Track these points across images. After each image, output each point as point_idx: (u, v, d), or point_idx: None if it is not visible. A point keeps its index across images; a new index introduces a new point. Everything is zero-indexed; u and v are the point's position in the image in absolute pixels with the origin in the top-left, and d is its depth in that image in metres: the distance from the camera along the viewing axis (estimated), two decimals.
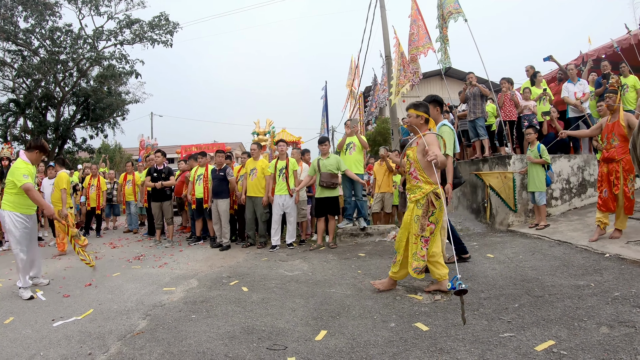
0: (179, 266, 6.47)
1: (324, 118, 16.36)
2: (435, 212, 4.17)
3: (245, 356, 3.06)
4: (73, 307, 4.53)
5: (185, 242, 8.90)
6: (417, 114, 4.39)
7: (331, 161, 7.33)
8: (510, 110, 8.35)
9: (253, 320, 3.82)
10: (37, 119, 23.54)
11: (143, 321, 4.01)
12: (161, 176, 8.68)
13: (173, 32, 23.62)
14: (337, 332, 3.37)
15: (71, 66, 23.35)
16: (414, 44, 10.62)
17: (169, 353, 3.21)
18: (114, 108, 24.61)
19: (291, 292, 4.60)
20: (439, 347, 2.93)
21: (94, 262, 5.82)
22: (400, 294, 4.22)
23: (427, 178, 4.20)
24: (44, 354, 3.39)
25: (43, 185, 9.22)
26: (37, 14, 21.51)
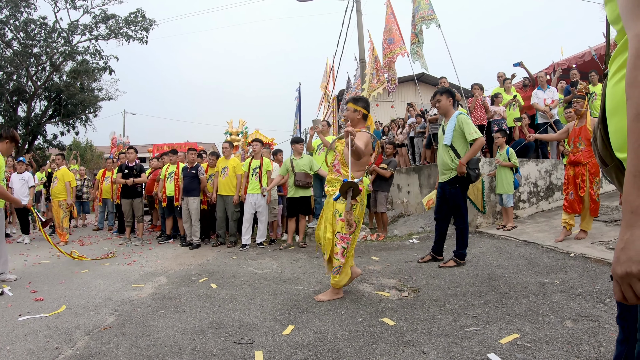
0: (148, 264, 6.46)
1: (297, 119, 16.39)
2: (356, 207, 4.00)
3: (212, 350, 3.09)
4: (41, 303, 4.50)
5: (155, 241, 8.86)
6: (355, 108, 4.29)
7: (304, 161, 7.39)
8: (480, 115, 8.51)
9: (221, 315, 3.85)
10: (7, 113, 22.92)
11: (111, 317, 4.01)
12: (132, 173, 8.60)
13: (149, 29, 23.35)
14: (304, 327, 3.41)
15: (44, 60, 22.83)
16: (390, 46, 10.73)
17: (136, 347, 3.23)
18: (87, 104, 24.12)
19: (260, 289, 4.61)
20: (405, 340, 2.97)
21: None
22: (368, 291, 4.26)
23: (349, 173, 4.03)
24: (11, 348, 3.38)
25: (12, 180, 9.08)
26: (11, 4, 20.98)
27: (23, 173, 9.26)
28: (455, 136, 4.88)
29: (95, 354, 3.14)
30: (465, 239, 5.03)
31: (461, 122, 4.83)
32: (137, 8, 23.28)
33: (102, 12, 22.87)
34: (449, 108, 5.05)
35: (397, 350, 2.83)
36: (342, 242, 3.98)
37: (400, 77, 19.74)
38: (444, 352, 2.75)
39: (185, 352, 3.09)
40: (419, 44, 9.61)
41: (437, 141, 9.17)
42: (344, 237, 3.98)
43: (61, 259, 7.11)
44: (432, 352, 2.75)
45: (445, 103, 5.04)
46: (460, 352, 2.72)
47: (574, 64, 10.68)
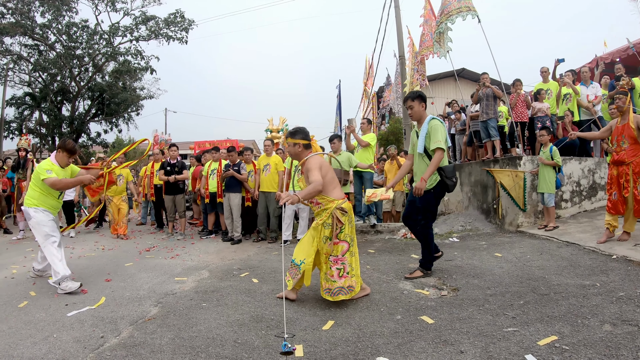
0: (190, 258, 6.59)
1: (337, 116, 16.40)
2: (344, 229, 3.99)
3: (253, 342, 3.16)
4: (86, 295, 4.66)
5: (197, 236, 9.03)
6: (293, 142, 4.22)
7: (342, 158, 7.40)
8: (522, 112, 8.36)
9: (262, 309, 3.92)
10: (52, 112, 23.85)
11: (155, 308, 4.12)
12: (175, 170, 8.81)
13: (188, 29, 23.84)
14: (344, 323, 3.46)
15: (87, 61, 23.66)
16: (425, 44, 10.66)
17: (179, 338, 3.32)
18: (129, 103, 24.87)
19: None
20: (444, 339, 3.00)
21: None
22: (408, 289, 4.29)
23: (327, 197, 4.04)
24: (57, 336, 3.51)
25: None
26: (53, 9, 21.81)
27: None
28: (427, 142, 4.55)
29: (140, 344, 3.26)
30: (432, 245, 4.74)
31: (431, 128, 4.52)
32: (176, 9, 23.83)
33: (142, 14, 23.49)
34: (421, 113, 4.73)
35: (435, 349, 2.86)
36: (335, 264, 3.98)
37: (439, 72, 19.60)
38: (482, 351, 2.77)
39: (227, 343, 3.17)
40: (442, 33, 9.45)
41: (478, 138, 9.13)
42: (337, 259, 3.98)
43: (106, 252, 7.36)
44: (470, 352, 2.78)
45: (417, 109, 4.71)
46: (498, 352, 2.74)
47: (618, 58, 10.33)
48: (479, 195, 8.40)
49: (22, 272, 5.81)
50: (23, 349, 3.29)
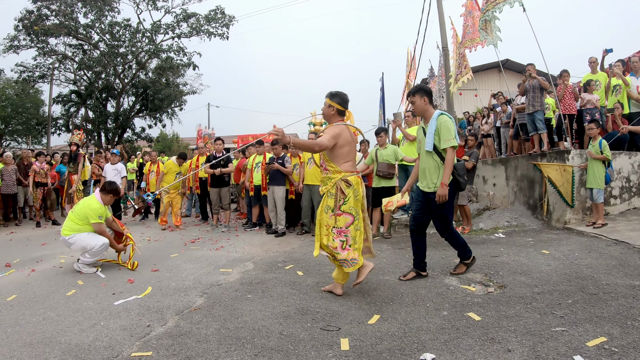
0: (235, 250, 6.72)
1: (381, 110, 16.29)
2: (347, 201, 3.96)
3: (299, 335, 3.19)
4: (132, 284, 4.82)
5: (241, 228, 9.20)
6: (329, 104, 4.20)
7: (388, 151, 7.37)
8: (570, 104, 8.13)
9: (308, 302, 3.94)
10: (97, 109, 24.87)
11: (200, 299, 4.21)
12: (220, 163, 8.97)
13: (229, 25, 24.21)
14: (390, 317, 3.45)
15: (130, 59, 24.48)
16: (468, 36, 10.47)
17: (224, 328, 3.38)
18: (172, 99, 25.61)
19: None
20: (491, 336, 2.98)
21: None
22: (454, 285, 4.27)
23: (335, 167, 4.05)
24: (105, 324, 3.62)
25: (106, 170, 9.93)
26: (96, 9, 22.67)
27: (116, 164, 10.08)
28: (437, 140, 4.32)
29: (186, 333, 3.33)
30: (461, 242, 4.60)
31: (440, 125, 4.28)
32: (216, 5, 24.24)
33: (182, 12, 24.04)
34: (425, 108, 4.47)
35: (482, 346, 2.85)
36: (339, 236, 3.98)
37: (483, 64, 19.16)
38: (530, 351, 2.74)
39: (273, 335, 3.20)
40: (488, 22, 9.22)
41: (524, 131, 8.94)
42: (341, 231, 3.98)
43: (151, 243, 7.59)
44: (518, 350, 2.75)
45: (419, 103, 4.46)
46: (545, 352, 2.71)
47: None
48: (525, 190, 8.23)
49: (70, 262, 6.02)
50: (70, 336, 3.39)
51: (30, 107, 29.28)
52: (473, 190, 9.62)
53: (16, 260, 6.38)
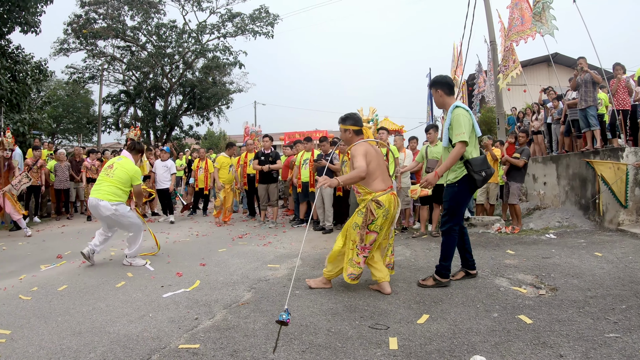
0: (282, 246, 6.77)
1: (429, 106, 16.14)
2: (375, 221, 3.99)
3: (347, 332, 3.18)
4: (180, 278, 4.92)
5: (288, 224, 9.29)
6: (344, 129, 4.28)
7: (438, 148, 7.20)
8: (623, 99, 7.84)
9: (356, 299, 3.94)
10: (146, 108, 25.72)
11: (248, 293, 4.25)
12: (268, 160, 9.09)
13: (273, 24, 24.48)
14: (439, 317, 3.42)
15: (177, 59, 25.17)
16: (515, 29, 10.23)
17: (272, 323, 3.38)
18: (219, 97, 26.16)
19: (394, 276, 4.56)
20: (542, 340, 2.93)
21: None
22: (504, 286, 4.21)
23: (365, 189, 4.09)
24: (153, 315, 3.70)
25: (156, 166, 10.21)
26: (142, 12, 23.42)
27: (166, 161, 10.35)
28: (451, 134, 4.18)
29: (233, 327, 3.35)
30: (451, 249, 4.29)
31: (453, 118, 4.13)
32: (260, 5, 24.62)
33: (227, 12, 24.45)
34: (442, 101, 4.34)
35: (533, 350, 2.80)
36: (362, 252, 4.05)
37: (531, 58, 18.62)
38: (582, 356, 2.68)
39: (321, 332, 3.20)
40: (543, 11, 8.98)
41: (576, 128, 8.67)
42: (365, 248, 4.05)
43: (200, 238, 7.73)
44: (570, 356, 2.69)
45: (436, 97, 4.36)
46: (598, 359, 2.65)
47: None
48: (577, 190, 8.01)
49: (120, 255, 6.27)
50: (119, 326, 3.48)
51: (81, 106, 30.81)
52: (523, 189, 9.43)
53: (67, 252, 6.64)
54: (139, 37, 24.93)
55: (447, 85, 4.34)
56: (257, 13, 24.43)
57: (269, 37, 24.64)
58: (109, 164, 5.77)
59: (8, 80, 12.79)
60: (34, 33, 13.37)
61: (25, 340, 3.32)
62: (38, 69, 14.58)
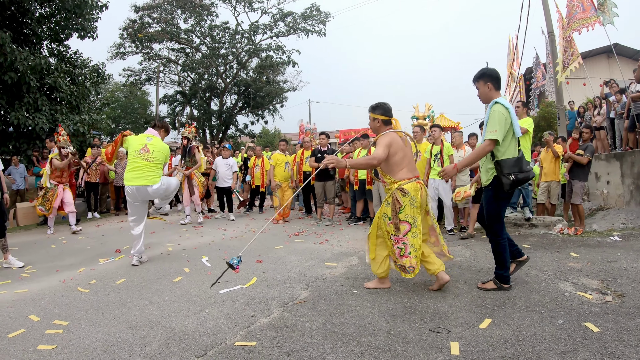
0: (339, 244, 6.75)
1: None
2: (403, 209, 4.00)
3: (407, 335, 3.13)
4: (237, 274, 4.94)
5: (345, 222, 9.30)
6: (373, 117, 4.29)
7: None
8: None
9: (415, 301, 3.88)
10: (202, 107, 26.60)
11: (305, 291, 4.26)
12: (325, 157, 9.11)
13: (325, 22, 24.67)
14: (502, 322, 3.32)
15: (231, 59, 25.84)
16: (576, 17, 9.85)
17: (330, 323, 3.38)
18: (273, 96, 26.66)
19: (454, 278, 4.55)
20: (610, 351, 2.81)
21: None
22: (569, 291, 4.07)
23: (391, 178, 4.12)
24: (209, 311, 3.75)
25: (217, 164, 10.27)
26: (195, 15, 24.18)
27: (228, 158, 10.42)
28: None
29: (290, 325, 3.35)
30: (503, 257, 4.14)
31: (489, 114, 3.97)
32: (311, 3, 24.91)
33: (279, 11, 24.85)
34: (488, 95, 4.12)
35: None
36: (397, 243, 4.08)
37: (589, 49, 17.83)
38: None
39: (380, 334, 3.16)
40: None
41: None
42: (398, 239, 4.06)
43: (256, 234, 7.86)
44: None
45: (483, 90, 4.14)
46: None
47: None
48: None
49: (177, 250, 6.47)
50: (176, 321, 3.55)
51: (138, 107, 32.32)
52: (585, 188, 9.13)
53: (125, 246, 6.81)
54: (192, 39, 25.81)
55: (497, 80, 4.18)
56: (308, 12, 24.70)
57: (321, 35, 24.89)
58: (141, 146, 5.64)
59: (68, 84, 13.63)
60: (90, 38, 14.17)
61: (82, 331, 3.44)
62: (96, 72, 15.46)
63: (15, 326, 3.62)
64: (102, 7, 14.06)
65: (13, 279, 5.25)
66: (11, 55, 10.81)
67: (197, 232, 8.49)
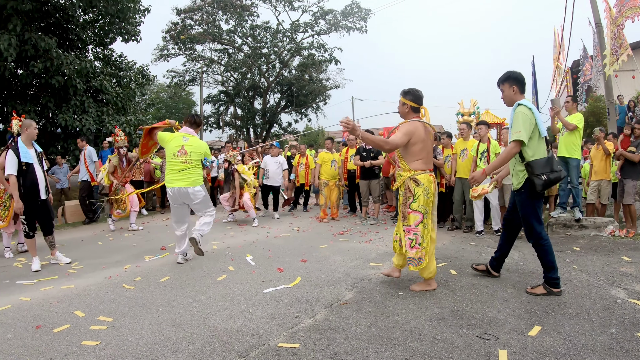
0: (384, 243, 6.70)
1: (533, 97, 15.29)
2: (417, 199, 4.05)
3: (454, 341, 3.07)
4: (281, 273, 4.97)
5: (389, 221, 9.24)
6: (402, 102, 4.27)
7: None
8: None
9: (463, 305, 3.81)
10: (245, 106, 27.11)
11: (350, 292, 4.22)
12: (370, 155, 9.08)
13: (366, 19, 24.54)
14: (551, 330, 3.23)
15: (273, 58, 26.15)
16: (628, 3, 9.37)
17: (375, 326, 3.34)
18: (316, 94, 26.82)
19: (502, 281, 4.48)
20: None
21: None
22: (622, 298, 3.92)
23: (405, 165, 4.15)
24: (253, 311, 3.76)
25: (267, 162, 10.27)
26: (236, 15, 24.63)
27: (277, 156, 10.42)
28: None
29: (334, 328, 3.33)
30: (549, 259, 4.06)
31: (514, 116, 3.98)
32: (351, 0, 24.70)
33: (319, 9, 24.90)
34: (513, 98, 4.14)
35: None
36: (407, 234, 4.14)
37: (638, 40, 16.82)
38: None
39: (426, 339, 3.11)
40: None
41: None
42: (409, 229, 4.11)
43: (300, 234, 7.87)
44: None
45: (508, 93, 4.16)
46: None
47: None
48: None
49: (222, 248, 6.53)
50: (219, 320, 3.56)
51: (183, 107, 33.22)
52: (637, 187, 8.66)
53: (171, 244, 6.86)
54: (234, 39, 26.27)
55: (522, 83, 4.20)
56: (348, 9, 24.62)
57: (362, 32, 24.77)
58: (177, 148, 5.55)
59: (113, 86, 14.20)
60: (134, 41, 14.73)
61: (126, 328, 3.50)
62: (141, 74, 16.06)
63: (61, 321, 3.73)
64: (144, 11, 14.60)
65: (60, 275, 5.38)
66: (57, 60, 11.36)
67: (241, 230, 8.57)
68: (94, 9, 13.21)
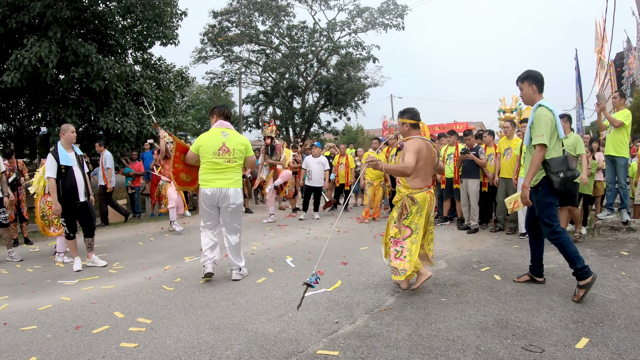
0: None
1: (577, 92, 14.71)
2: (409, 216, 4.15)
3: (498, 352, 2.94)
4: (322, 276, 4.80)
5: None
6: (402, 122, 4.40)
7: (568, 141, 6.34)
8: None
9: (507, 313, 3.66)
10: (284, 106, 27.44)
11: (391, 298, 4.13)
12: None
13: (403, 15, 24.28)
14: (599, 343, 3.06)
15: (311, 58, 26.30)
16: None
17: (416, 334, 3.23)
18: (355, 92, 26.85)
19: (548, 287, 4.32)
20: None
21: None
22: None
23: (405, 183, 4.24)
24: (292, 315, 3.67)
25: (309, 162, 10.15)
26: (272, 16, 24.89)
27: (319, 157, 10.28)
28: (533, 135, 4.06)
29: (375, 335, 3.23)
30: (570, 250, 4.02)
31: (534, 118, 4.02)
32: None
33: (355, 7, 24.86)
34: (532, 97, 4.18)
35: None
36: (395, 245, 4.23)
37: None
38: None
39: (469, 349, 2.99)
40: None
41: None
42: (397, 241, 4.21)
43: (341, 235, 7.70)
44: None
45: (527, 91, 4.20)
46: None
47: None
48: None
49: (262, 249, 6.47)
50: (257, 324, 3.50)
51: None
52: None
53: None
54: (272, 40, 26.59)
55: (541, 83, 4.23)
56: (384, 6, 24.42)
57: (399, 29, 24.51)
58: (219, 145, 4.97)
59: (153, 89, 14.55)
60: (173, 45, 15.02)
61: (165, 331, 3.48)
62: (180, 77, 16.41)
63: (100, 322, 3.73)
64: (181, 14, 14.92)
65: (101, 275, 5.40)
66: (97, 65, 11.73)
67: (281, 231, 8.49)
68: (132, 14, 13.56)
